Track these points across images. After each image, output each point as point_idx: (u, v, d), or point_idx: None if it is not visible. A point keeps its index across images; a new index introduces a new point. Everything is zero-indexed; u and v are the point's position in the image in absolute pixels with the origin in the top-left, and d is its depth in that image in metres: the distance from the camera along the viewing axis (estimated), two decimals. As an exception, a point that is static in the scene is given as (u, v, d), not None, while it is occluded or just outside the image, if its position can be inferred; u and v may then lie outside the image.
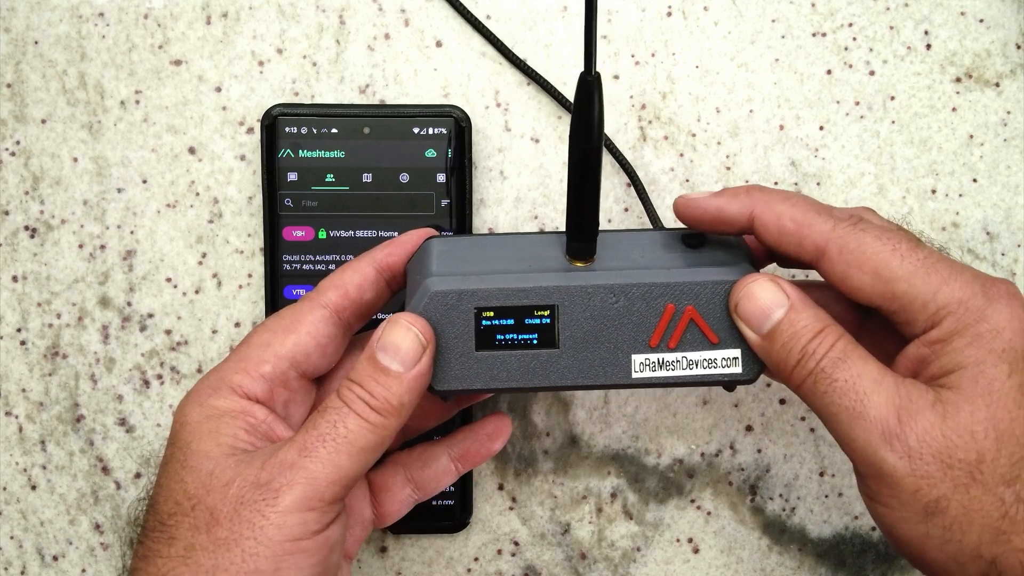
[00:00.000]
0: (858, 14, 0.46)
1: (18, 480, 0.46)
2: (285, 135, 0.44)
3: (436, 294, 0.36)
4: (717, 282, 0.36)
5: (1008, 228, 0.46)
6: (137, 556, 0.34)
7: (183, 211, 0.46)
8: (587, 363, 0.36)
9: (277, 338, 0.37)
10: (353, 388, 0.34)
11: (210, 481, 0.34)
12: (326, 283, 0.38)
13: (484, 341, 0.36)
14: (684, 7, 0.46)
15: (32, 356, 0.46)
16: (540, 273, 0.36)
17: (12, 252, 0.46)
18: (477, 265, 0.37)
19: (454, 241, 0.38)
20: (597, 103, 0.33)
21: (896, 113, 0.46)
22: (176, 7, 0.46)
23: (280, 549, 0.33)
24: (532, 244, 0.38)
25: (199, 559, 0.33)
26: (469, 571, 0.47)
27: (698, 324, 0.36)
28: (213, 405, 0.36)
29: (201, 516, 0.33)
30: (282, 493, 0.33)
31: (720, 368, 0.36)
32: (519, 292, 0.36)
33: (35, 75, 0.46)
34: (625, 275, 0.36)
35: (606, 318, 0.36)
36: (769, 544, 0.47)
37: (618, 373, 0.37)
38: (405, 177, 0.44)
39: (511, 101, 0.46)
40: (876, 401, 0.32)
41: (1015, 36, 0.46)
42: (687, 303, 0.36)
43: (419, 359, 0.35)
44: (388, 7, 0.46)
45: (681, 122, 0.46)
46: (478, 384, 0.36)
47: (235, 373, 0.36)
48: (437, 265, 0.37)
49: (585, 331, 0.36)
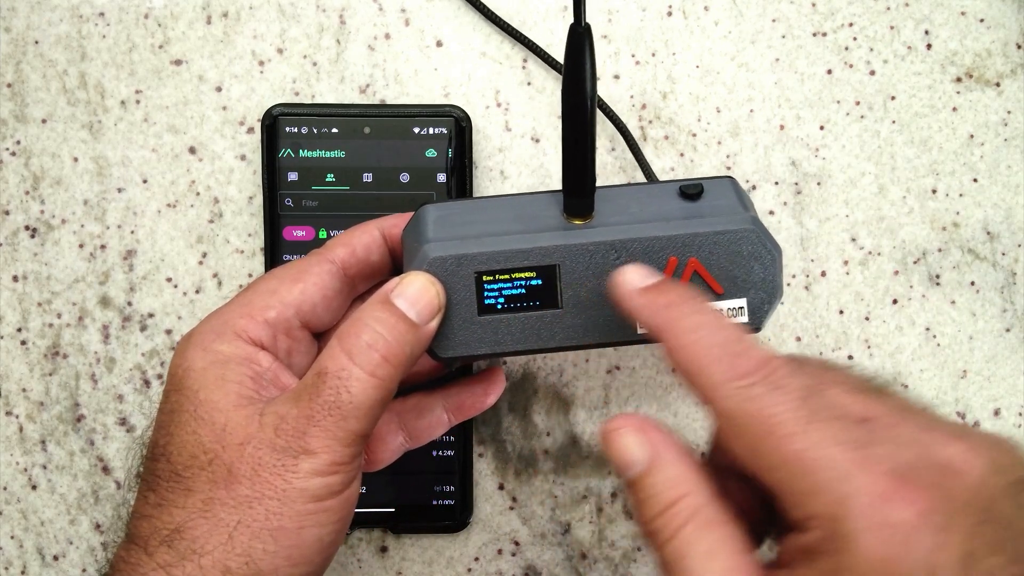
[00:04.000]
0: (858, 14, 0.46)
1: (18, 480, 0.46)
2: (286, 135, 0.44)
3: (435, 260, 0.35)
4: (719, 232, 0.35)
5: (1009, 228, 0.46)
6: (148, 503, 0.34)
7: (183, 211, 0.46)
8: (591, 321, 0.36)
9: (284, 286, 0.37)
10: (362, 332, 0.33)
11: (224, 436, 0.33)
12: (334, 241, 0.38)
13: (486, 306, 0.36)
14: (684, 7, 0.46)
15: (32, 356, 0.46)
16: (539, 233, 0.36)
17: (12, 252, 0.46)
18: (475, 228, 0.36)
19: (450, 206, 0.38)
20: (589, 55, 0.32)
21: (896, 113, 0.46)
22: (176, 7, 0.46)
23: (304, 510, 0.33)
24: (529, 204, 0.37)
25: (219, 513, 0.33)
26: (469, 571, 0.47)
27: (702, 275, 0.36)
28: (218, 350, 0.35)
29: (219, 471, 0.33)
30: (301, 460, 0.33)
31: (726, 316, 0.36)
32: (519, 254, 0.35)
33: (35, 75, 0.46)
34: (625, 230, 0.35)
35: (608, 275, 0.35)
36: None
37: (623, 330, 0.36)
38: (406, 177, 0.44)
39: (511, 101, 0.46)
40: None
41: (1015, 36, 0.46)
42: (690, 255, 0.35)
43: (433, 317, 0.35)
44: (388, 7, 0.46)
45: (681, 122, 0.46)
46: (483, 349, 0.36)
47: (240, 318, 0.36)
48: (434, 231, 0.36)
49: (588, 289, 0.36)
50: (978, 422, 0.47)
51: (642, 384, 0.46)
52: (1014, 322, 0.47)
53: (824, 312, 0.46)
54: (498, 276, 0.36)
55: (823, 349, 0.46)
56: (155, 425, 0.36)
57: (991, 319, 0.47)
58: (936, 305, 0.47)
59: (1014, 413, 0.47)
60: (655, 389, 0.46)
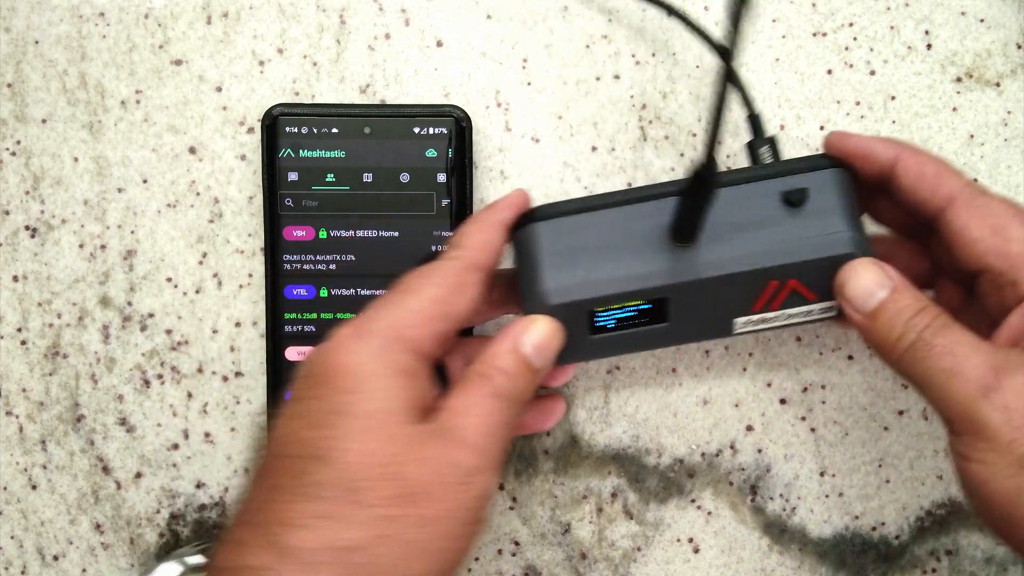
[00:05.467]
0: (858, 14, 0.46)
1: (18, 480, 0.46)
2: (286, 135, 0.44)
3: (556, 307, 0.37)
4: (822, 258, 0.37)
5: (1008, 228, 0.46)
6: (305, 513, 0.32)
7: (183, 211, 0.46)
8: (693, 329, 0.39)
9: (451, 297, 0.36)
10: (495, 377, 0.35)
11: (403, 453, 0.33)
12: (475, 242, 0.37)
13: (596, 327, 0.38)
14: (684, 7, 0.46)
15: (32, 356, 0.46)
16: (649, 266, 0.37)
17: (12, 252, 0.46)
18: (586, 257, 0.37)
19: (559, 225, 0.38)
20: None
21: (897, 113, 0.46)
22: (176, 7, 0.46)
23: (470, 531, 0.34)
24: (636, 219, 0.38)
25: (401, 532, 0.32)
26: (469, 571, 0.47)
27: (798, 290, 0.38)
28: (396, 360, 0.34)
29: (398, 488, 0.32)
30: (472, 487, 0.33)
31: (816, 315, 0.39)
32: (631, 294, 0.37)
33: (36, 75, 0.46)
34: (731, 261, 0.37)
35: (713, 297, 0.38)
36: (770, 544, 0.47)
37: (720, 331, 0.39)
38: (406, 177, 0.44)
39: (511, 101, 0.46)
40: (974, 361, 0.33)
41: (1016, 36, 0.46)
42: (791, 278, 0.37)
43: (552, 361, 0.37)
44: (388, 7, 0.46)
45: (682, 122, 0.46)
46: (592, 358, 0.42)
47: (412, 327, 0.35)
48: (549, 262, 0.37)
49: (692, 307, 0.38)
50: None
51: (642, 384, 0.46)
52: (1014, 322, 0.47)
53: (824, 312, 0.46)
54: (611, 306, 0.38)
55: (823, 349, 0.46)
56: (304, 422, 0.34)
57: (991, 319, 0.47)
58: (936, 305, 0.47)
59: (1014, 413, 0.47)
60: (655, 389, 0.46)
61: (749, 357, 0.46)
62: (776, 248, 0.37)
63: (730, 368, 0.46)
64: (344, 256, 0.44)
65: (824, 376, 0.46)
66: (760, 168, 0.39)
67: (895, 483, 0.47)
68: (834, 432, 0.46)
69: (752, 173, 0.38)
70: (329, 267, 0.44)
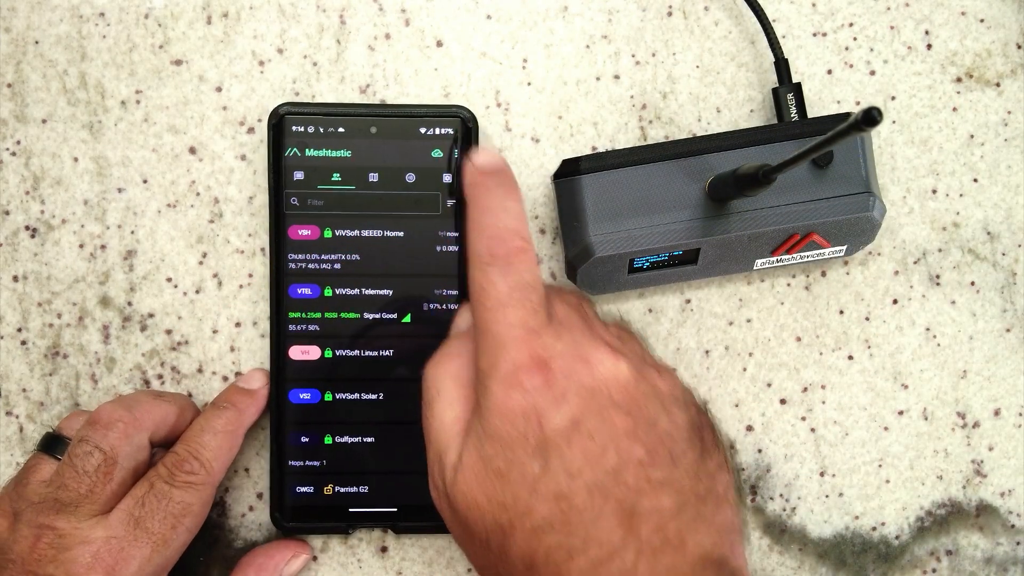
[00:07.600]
0: (858, 14, 0.46)
1: (18, 481, 0.46)
2: (292, 134, 0.44)
3: (598, 260, 0.41)
4: (842, 218, 0.41)
5: (1009, 228, 0.46)
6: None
7: (184, 211, 0.46)
8: (718, 268, 0.44)
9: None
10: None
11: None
12: (222, 465, 0.43)
13: (634, 268, 0.43)
14: (685, 7, 0.46)
15: (32, 356, 0.46)
16: (686, 223, 0.41)
17: (12, 252, 0.46)
18: (628, 212, 0.41)
19: (602, 179, 0.41)
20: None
21: (897, 113, 0.46)
22: (176, 7, 0.46)
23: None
24: (673, 177, 0.41)
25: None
26: (469, 571, 0.47)
27: (816, 241, 0.42)
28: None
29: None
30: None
31: (827, 256, 0.44)
32: (669, 247, 0.41)
33: (36, 75, 0.46)
34: (761, 218, 0.41)
35: (740, 247, 0.42)
36: (770, 544, 0.47)
37: (742, 269, 0.44)
38: (411, 177, 0.44)
39: (511, 101, 0.46)
40: None
41: (1015, 36, 0.46)
42: (811, 231, 0.42)
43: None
44: (388, 7, 0.46)
45: (682, 122, 0.46)
46: (627, 289, 0.45)
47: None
48: (593, 212, 0.41)
49: (720, 254, 0.42)
50: (978, 422, 0.47)
51: (643, 384, 0.46)
52: (1014, 322, 0.47)
53: (824, 312, 0.46)
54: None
55: (823, 349, 0.46)
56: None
57: (991, 319, 0.47)
58: (936, 305, 0.47)
59: (1014, 413, 0.47)
60: (656, 389, 0.46)
61: (749, 357, 0.46)
62: (802, 208, 0.41)
63: (730, 368, 0.46)
64: (349, 255, 0.44)
65: (824, 376, 0.46)
66: (799, 126, 0.42)
67: (895, 483, 0.47)
68: (834, 432, 0.47)
69: (794, 130, 0.42)
70: (334, 266, 0.44)
